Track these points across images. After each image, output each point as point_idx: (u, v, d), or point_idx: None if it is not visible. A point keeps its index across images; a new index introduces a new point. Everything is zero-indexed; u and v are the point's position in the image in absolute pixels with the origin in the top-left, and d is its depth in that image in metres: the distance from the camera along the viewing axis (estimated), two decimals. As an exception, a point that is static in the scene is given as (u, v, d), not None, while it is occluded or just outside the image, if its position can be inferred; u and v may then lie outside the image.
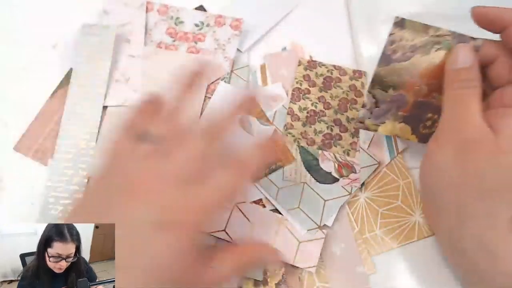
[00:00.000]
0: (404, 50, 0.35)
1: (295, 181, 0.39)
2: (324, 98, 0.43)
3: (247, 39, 0.45)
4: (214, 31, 0.44)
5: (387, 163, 0.40)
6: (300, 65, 0.44)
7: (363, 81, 0.43)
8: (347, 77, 0.44)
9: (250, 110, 0.38)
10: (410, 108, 0.37)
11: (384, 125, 0.37)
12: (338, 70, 0.44)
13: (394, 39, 0.35)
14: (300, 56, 0.44)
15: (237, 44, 0.44)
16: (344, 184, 0.39)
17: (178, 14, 0.45)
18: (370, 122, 0.37)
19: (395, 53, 0.35)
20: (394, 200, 0.40)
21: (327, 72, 0.44)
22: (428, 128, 0.37)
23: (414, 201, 0.40)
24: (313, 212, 0.38)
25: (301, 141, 0.41)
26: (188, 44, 0.44)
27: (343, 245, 0.38)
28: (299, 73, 0.44)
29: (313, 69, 0.44)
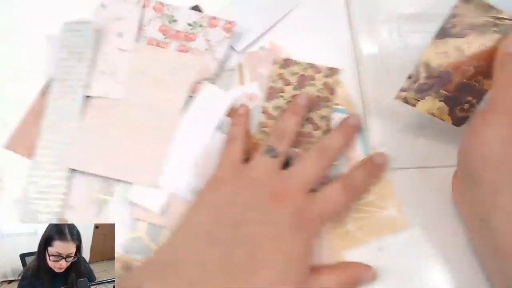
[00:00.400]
0: (462, 26, 0.35)
1: None
2: None
3: (244, 39, 0.46)
4: (206, 32, 0.45)
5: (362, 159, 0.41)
6: (275, 63, 0.45)
7: (336, 78, 0.44)
8: (321, 75, 0.45)
9: (353, 136, 0.42)
10: (454, 88, 0.37)
11: (424, 101, 0.37)
12: (313, 68, 0.45)
13: (457, 13, 0.35)
14: (277, 55, 0.46)
15: (227, 46, 0.45)
16: None
17: (173, 12, 0.46)
18: (411, 95, 0.37)
19: (454, 28, 0.35)
20: (367, 195, 0.40)
21: (302, 70, 0.45)
22: (465, 112, 0.37)
23: (386, 196, 0.40)
24: None
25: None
26: (179, 43, 0.45)
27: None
28: (274, 71, 0.45)
29: (288, 68, 0.45)
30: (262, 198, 0.35)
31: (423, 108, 0.38)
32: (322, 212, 0.35)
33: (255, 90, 0.45)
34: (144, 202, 0.39)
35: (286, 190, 0.35)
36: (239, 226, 0.33)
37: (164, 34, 0.45)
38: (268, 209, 0.34)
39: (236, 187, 0.36)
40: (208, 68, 0.44)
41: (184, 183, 0.40)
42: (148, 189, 0.40)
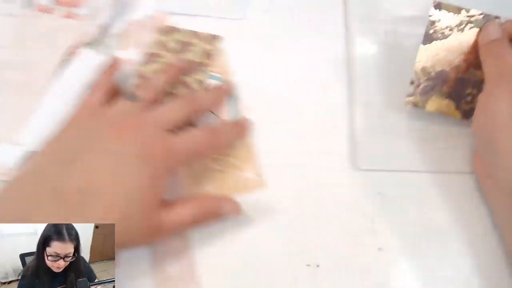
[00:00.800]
0: (442, 29, 0.40)
1: None
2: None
3: (132, 7, 0.47)
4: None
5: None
6: (158, 31, 0.45)
7: (216, 45, 0.46)
8: (202, 42, 0.46)
9: (221, 99, 0.42)
10: (453, 84, 0.40)
11: (431, 102, 0.41)
12: (195, 35, 0.46)
13: (434, 20, 0.40)
14: (160, 23, 0.46)
15: (110, 12, 0.46)
16: None
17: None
18: (418, 98, 0.41)
19: (436, 32, 0.40)
20: (228, 156, 0.41)
21: (184, 37, 0.45)
22: (470, 104, 0.40)
23: (248, 159, 0.41)
24: None
25: None
26: (66, 9, 0.46)
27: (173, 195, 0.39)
28: (157, 38, 0.45)
29: (171, 35, 0.45)
30: (104, 130, 0.33)
31: (433, 108, 0.41)
32: (176, 149, 0.34)
33: (135, 56, 0.45)
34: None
35: (137, 124, 0.34)
36: (74, 160, 0.31)
37: (56, 1, 0.46)
38: (112, 140, 0.33)
39: (85, 124, 0.35)
40: (88, 33, 0.45)
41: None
42: (5, 145, 0.40)
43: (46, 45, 0.44)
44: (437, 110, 0.41)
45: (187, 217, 0.34)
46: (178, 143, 0.34)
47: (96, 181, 0.31)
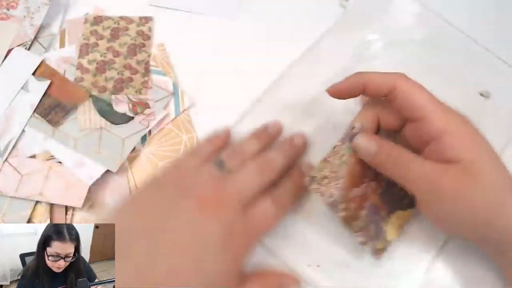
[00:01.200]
0: (330, 179, 0.35)
1: (91, 128, 0.42)
2: (113, 48, 0.45)
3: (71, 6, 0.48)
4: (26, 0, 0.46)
5: (173, 118, 0.43)
6: (86, 22, 0.46)
7: (149, 26, 0.47)
8: (134, 25, 0.47)
9: (295, 157, 0.39)
10: (382, 205, 0.36)
11: (389, 233, 0.35)
12: (125, 20, 0.46)
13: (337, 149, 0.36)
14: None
15: (45, 12, 0.46)
16: (140, 120, 0.43)
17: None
18: (378, 245, 0.35)
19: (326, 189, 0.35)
20: (175, 153, 0.42)
21: (114, 23, 0.46)
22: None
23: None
24: (113, 151, 0.41)
25: (93, 91, 0.43)
26: (1, 11, 0.46)
27: (118, 196, 0.40)
28: (86, 29, 0.45)
29: (100, 24, 0.46)
30: (190, 203, 0.32)
31: (397, 234, 0.36)
32: (254, 229, 0.34)
33: (72, 53, 0.45)
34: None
35: (220, 200, 0.33)
36: (158, 238, 0.30)
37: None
38: (195, 215, 0.32)
39: (171, 189, 0.34)
40: (25, 34, 0.45)
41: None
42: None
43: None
44: (402, 228, 0.36)
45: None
46: (255, 223, 0.34)
47: (179, 264, 0.30)
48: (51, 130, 0.42)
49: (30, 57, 0.44)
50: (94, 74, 0.44)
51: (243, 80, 0.45)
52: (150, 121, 0.43)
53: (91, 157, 0.41)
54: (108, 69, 0.45)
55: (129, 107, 0.43)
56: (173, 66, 0.46)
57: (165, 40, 0.47)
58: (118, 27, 0.46)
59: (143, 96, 0.44)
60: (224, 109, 0.43)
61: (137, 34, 0.46)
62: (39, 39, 0.45)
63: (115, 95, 0.44)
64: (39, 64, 0.44)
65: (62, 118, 0.42)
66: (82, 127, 0.42)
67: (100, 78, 0.44)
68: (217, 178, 0.34)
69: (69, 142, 0.42)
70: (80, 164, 0.41)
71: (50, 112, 0.42)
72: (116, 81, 0.44)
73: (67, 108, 0.43)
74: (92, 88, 0.44)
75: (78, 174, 0.40)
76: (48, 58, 0.45)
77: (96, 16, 0.46)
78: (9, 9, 0.46)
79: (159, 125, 0.43)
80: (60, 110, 0.43)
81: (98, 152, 0.41)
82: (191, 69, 0.46)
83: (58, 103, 0.43)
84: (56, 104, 0.43)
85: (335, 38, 0.46)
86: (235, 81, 0.45)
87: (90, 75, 0.44)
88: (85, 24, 0.46)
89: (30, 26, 0.45)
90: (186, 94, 0.44)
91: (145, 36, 0.47)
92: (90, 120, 0.43)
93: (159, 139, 0.43)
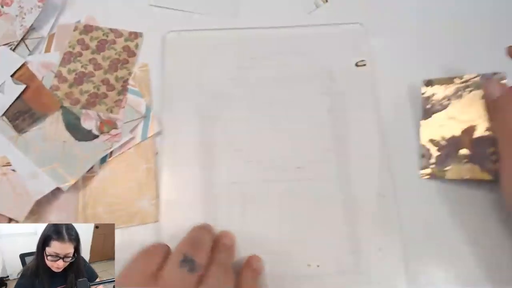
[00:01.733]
0: (439, 101, 0.41)
1: (54, 140, 0.42)
2: (95, 60, 0.45)
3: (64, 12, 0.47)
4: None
5: (137, 142, 0.42)
6: (75, 30, 0.45)
7: (137, 42, 0.46)
8: (122, 39, 0.46)
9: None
10: (471, 147, 0.39)
11: (450, 169, 0.39)
12: (114, 33, 0.46)
13: (428, 96, 0.42)
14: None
15: (37, 14, 0.46)
16: (105, 139, 0.42)
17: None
18: (436, 168, 0.40)
19: (433, 106, 0.41)
20: (129, 182, 0.41)
21: (103, 35, 0.46)
22: (497, 162, 0.38)
23: (148, 187, 0.41)
24: (70, 169, 0.40)
25: (65, 102, 0.43)
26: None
27: (65, 215, 0.40)
28: (74, 37, 0.45)
29: (89, 33, 0.45)
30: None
31: (454, 176, 0.39)
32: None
33: (55, 59, 0.45)
34: None
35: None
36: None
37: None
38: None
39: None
40: (13, 34, 0.45)
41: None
42: None
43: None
44: (458, 176, 0.39)
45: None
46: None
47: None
48: (15, 136, 0.42)
49: (13, 58, 0.44)
50: (71, 85, 0.44)
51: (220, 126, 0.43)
52: (114, 142, 0.42)
53: (46, 171, 0.41)
54: (86, 81, 0.44)
55: (96, 124, 0.43)
56: (152, 88, 0.45)
57: (150, 60, 0.46)
58: (106, 39, 0.46)
59: (113, 115, 0.43)
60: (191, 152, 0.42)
61: (122, 49, 0.46)
62: (26, 40, 0.46)
63: (86, 109, 0.43)
64: (19, 66, 0.44)
65: (28, 125, 0.43)
66: (46, 138, 0.42)
67: (75, 90, 0.44)
68: (190, 282, 0.33)
69: (29, 151, 0.42)
70: (34, 176, 0.41)
71: (18, 118, 0.43)
72: (91, 95, 0.44)
73: (36, 116, 0.43)
74: (65, 99, 0.44)
75: (28, 186, 0.40)
76: (30, 61, 0.45)
77: (86, 25, 0.46)
78: (4, 6, 0.46)
79: (122, 148, 0.43)
80: (28, 117, 0.43)
81: (55, 167, 0.41)
82: (168, 95, 0.44)
83: (28, 109, 0.43)
84: (26, 110, 0.43)
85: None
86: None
87: (66, 85, 0.44)
88: (74, 31, 0.46)
89: (19, 27, 0.45)
90: (156, 120, 0.43)
91: (130, 53, 0.46)
92: (56, 132, 0.42)
93: (118, 163, 0.42)
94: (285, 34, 0.46)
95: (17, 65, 0.44)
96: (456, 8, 0.48)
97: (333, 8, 0.49)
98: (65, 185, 0.40)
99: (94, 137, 0.42)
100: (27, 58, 0.45)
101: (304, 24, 0.47)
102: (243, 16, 0.48)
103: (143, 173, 0.41)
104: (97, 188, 0.41)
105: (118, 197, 0.41)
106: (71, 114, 0.43)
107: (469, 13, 0.48)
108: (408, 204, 0.40)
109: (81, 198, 0.41)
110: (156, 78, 0.45)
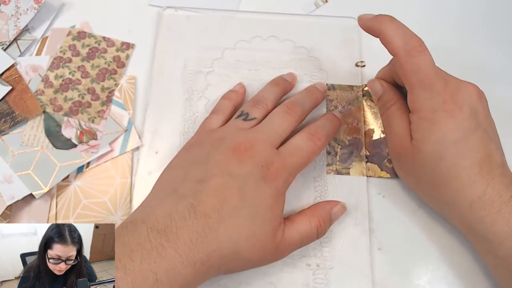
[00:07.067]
0: (342, 104, 0.44)
1: (32, 146, 0.42)
2: (84, 68, 0.45)
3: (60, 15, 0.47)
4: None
5: (115, 156, 0.42)
6: (69, 35, 0.45)
7: (128, 53, 0.46)
8: (113, 49, 0.46)
9: (320, 99, 0.43)
10: (370, 147, 0.42)
11: (353, 167, 0.42)
12: (107, 42, 0.46)
13: (331, 98, 0.44)
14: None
15: (32, 15, 0.46)
16: (83, 150, 0.42)
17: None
18: (340, 166, 0.42)
19: (336, 108, 0.44)
20: (103, 195, 0.41)
21: (95, 43, 0.45)
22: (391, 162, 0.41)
23: (121, 203, 0.40)
24: (45, 176, 0.40)
25: (48, 107, 0.43)
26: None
27: (34, 222, 0.40)
28: (66, 42, 0.45)
29: (82, 40, 0.45)
30: (225, 153, 0.35)
31: (356, 173, 0.41)
32: (289, 164, 0.36)
33: (44, 63, 0.45)
34: None
35: (251, 144, 0.35)
36: (204, 181, 0.33)
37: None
38: (233, 163, 0.34)
39: (204, 147, 0.36)
40: (6, 34, 0.45)
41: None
42: None
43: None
44: (362, 173, 0.42)
45: (305, 233, 0.36)
46: (289, 158, 0.36)
47: (228, 201, 0.33)
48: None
49: (2, 59, 0.44)
50: (56, 91, 0.44)
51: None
52: (92, 153, 0.42)
53: (21, 176, 0.41)
54: (71, 89, 0.44)
55: (76, 133, 0.43)
56: (136, 101, 0.45)
57: (140, 73, 0.46)
58: (97, 47, 0.46)
59: (94, 126, 0.43)
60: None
61: (113, 59, 0.46)
62: (18, 41, 0.46)
63: (68, 117, 0.43)
64: (8, 67, 0.44)
65: (9, 128, 0.43)
66: (25, 142, 0.42)
67: (60, 96, 0.44)
68: (246, 129, 0.37)
69: (7, 154, 0.42)
70: (8, 180, 0.41)
71: (0, 119, 0.42)
72: (74, 103, 0.44)
73: (18, 119, 0.43)
74: (48, 105, 0.44)
75: (1, 190, 0.40)
76: (19, 62, 0.45)
77: (80, 31, 0.46)
78: (1, 4, 0.46)
79: (99, 160, 0.43)
80: (10, 119, 0.43)
81: (30, 172, 0.41)
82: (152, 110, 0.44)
83: (11, 111, 0.43)
84: (8, 112, 0.43)
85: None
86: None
87: (51, 91, 0.44)
88: (67, 36, 0.46)
89: (13, 27, 0.45)
90: (136, 134, 0.43)
91: (120, 63, 0.46)
92: (35, 137, 0.42)
93: (93, 175, 0.42)
94: (285, 34, 0.47)
95: (6, 66, 0.44)
96: (457, 8, 0.49)
97: (333, 8, 0.49)
98: (38, 192, 0.40)
99: (73, 146, 0.42)
100: (17, 59, 0.45)
101: (304, 24, 0.48)
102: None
103: (117, 187, 0.41)
104: (70, 199, 0.41)
105: (91, 209, 0.40)
106: (52, 120, 0.43)
107: (469, 13, 0.49)
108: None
109: (53, 206, 0.41)
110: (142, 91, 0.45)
